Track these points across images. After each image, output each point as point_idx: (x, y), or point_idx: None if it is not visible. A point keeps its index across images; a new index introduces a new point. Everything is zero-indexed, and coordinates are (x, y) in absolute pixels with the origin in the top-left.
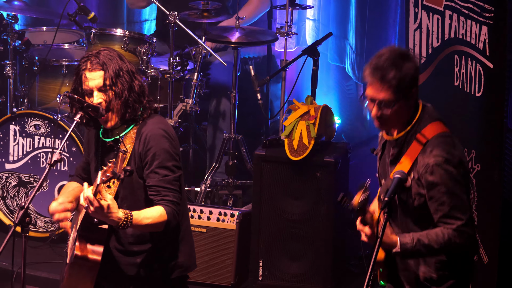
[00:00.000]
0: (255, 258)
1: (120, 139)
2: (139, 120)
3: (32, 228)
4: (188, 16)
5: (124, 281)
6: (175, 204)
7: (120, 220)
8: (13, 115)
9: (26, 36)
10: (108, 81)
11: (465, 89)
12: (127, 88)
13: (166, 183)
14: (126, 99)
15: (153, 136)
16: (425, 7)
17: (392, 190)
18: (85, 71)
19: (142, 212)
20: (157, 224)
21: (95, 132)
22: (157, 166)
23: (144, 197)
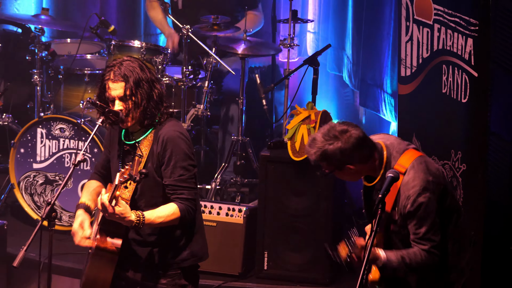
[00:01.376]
0: (260, 249)
1: (136, 145)
2: (157, 125)
3: (57, 222)
4: (199, 29)
5: (140, 269)
6: (189, 200)
7: (132, 222)
8: (40, 119)
9: (52, 47)
10: (129, 91)
11: (452, 96)
12: (145, 98)
13: (182, 181)
14: (144, 108)
15: (170, 138)
16: (416, 21)
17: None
18: (109, 81)
19: (154, 212)
20: (170, 221)
21: (118, 133)
22: (174, 166)
23: (162, 193)
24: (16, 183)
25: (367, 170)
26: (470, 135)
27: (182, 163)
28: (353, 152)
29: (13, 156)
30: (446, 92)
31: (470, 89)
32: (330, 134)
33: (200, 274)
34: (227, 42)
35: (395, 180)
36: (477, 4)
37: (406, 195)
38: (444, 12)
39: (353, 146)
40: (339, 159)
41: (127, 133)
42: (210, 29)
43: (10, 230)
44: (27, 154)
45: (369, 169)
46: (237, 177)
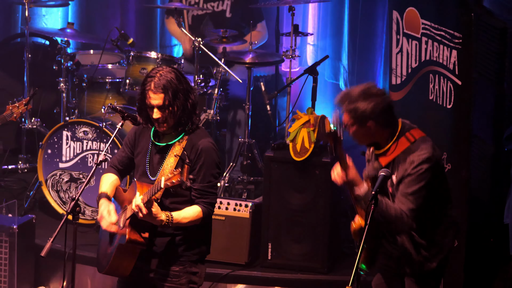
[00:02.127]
0: (265, 241)
1: (185, 153)
2: (189, 130)
3: (81, 216)
4: (210, 41)
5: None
6: (212, 205)
7: (162, 222)
8: (65, 123)
9: (77, 58)
10: (167, 102)
11: (438, 102)
12: (181, 109)
13: (209, 187)
14: (179, 116)
15: (205, 148)
16: (405, 34)
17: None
18: (149, 91)
19: (181, 212)
20: (194, 221)
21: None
22: (205, 173)
23: (187, 195)
24: (43, 180)
25: (380, 135)
26: (454, 137)
27: (212, 170)
28: (381, 113)
29: (41, 156)
30: (432, 99)
31: (454, 96)
32: (367, 92)
33: (209, 263)
34: (235, 53)
35: (387, 178)
36: (460, 19)
37: (410, 160)
38: (431, 27)
39: (384, 108)
40: (367, 115)
41: (157, 134)
42: (219, 42)
43: (38, 223)
44: (53, 154)
45: (383, 135)
46: (243, 176)
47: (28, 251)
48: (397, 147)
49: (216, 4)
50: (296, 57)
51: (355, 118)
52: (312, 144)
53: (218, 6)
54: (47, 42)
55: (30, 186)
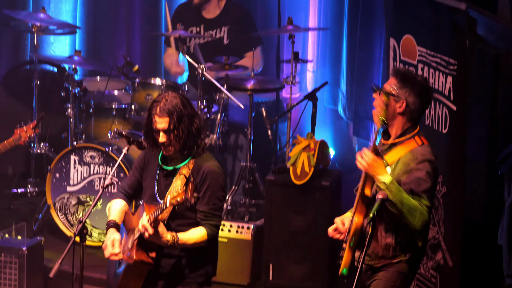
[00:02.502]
0: (266, 262)
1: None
2: (195, 154)
3: (88, 238)
4: (213, 68)
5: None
6: (217, 227)
7: (168, 242)
8: (73, 148)
9: (84, 84)
10: (172, 126)
11: (434, 127)
12: (186, 132)
13: (214, 210)
14: (184, 140)
15: (211, 171)
16: (402, 61)
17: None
18: (155, 115)
19: (186, 234)
20: (198, 243)
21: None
22: (209, 196)
23: (193, 217)
24: (52, 204)
25: (398, 123)
26: (449, 161)
27: (217, 193)
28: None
29: (49, 180)
30: (429, 124)
31: (449, 121)
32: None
33: (213, 284)
34: (237, 79)
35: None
36: (455, 47)
37: (414, 157)
38: (427, 53)
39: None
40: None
41: (165, 158)
42: (221, 68)
43: (47, 245)
44: (61, 178)
45: (400, 125)
46: (245, 199)
47: (37, 272)
48: (406, 146)
49: (214, 31)
50: (296, 84)
51: (398, 88)
52: (312, 168)
53: (216, 34)
54: (55, 69)
55: (39, 209)
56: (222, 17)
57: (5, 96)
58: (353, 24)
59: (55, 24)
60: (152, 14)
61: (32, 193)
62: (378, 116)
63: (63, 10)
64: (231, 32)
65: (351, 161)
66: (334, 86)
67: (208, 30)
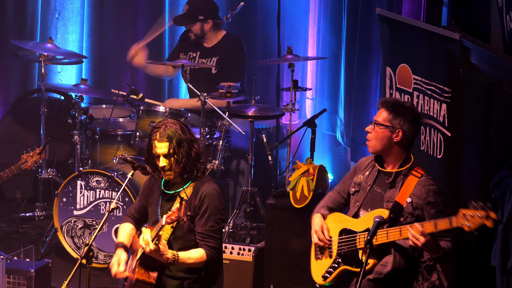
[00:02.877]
0: (267, 283)
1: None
2: (195, 179)
3: (94, 261)
4: (215, 96)
5: None
6: (215, 249)
7: (168, 260)
8: (79, 173)
9: (90, 112)
10: (172, 150)
11: (429, 152)
12: (185, 156)
13: (211, 232)
14: (184, 164)
15: (208, 194)
16: (398, 89)
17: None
18: (155, 140)
19: (187, 253)
20: (198, 263)
21: (159, 182)
22: (207, 218)
23: (194, 239)
24: (59, 227)
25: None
26: (444, 185)
27: (214, 216)
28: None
29: (56, 204)
30: (424, 149)
31: (444, 146)
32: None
33: None
34: (238, 107)
35: (381, 224)
36: (449, 75)
37: (426, 189)
38: (422, 82)
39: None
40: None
41: (167, 183)
42: (224, 96)
43: (54, 267)
44: (68, 202)
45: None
46: (247, 222)
47: None
48: (409, 184)
49: (206, 60)
50: (296, 111)
51: (392, 118)
52: (311, 192)
53: (207, 62)
54: (62, 97)
55: (46, 232)
56: (216, 47)
57: (14, 123)
58: (350, 53)
59: (62, 54)
60: (156, 43)
61: (39, 217)
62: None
63: (70, 40)
64: (219, 63)
65: None
66: (333, 113)
67: (202, 58)
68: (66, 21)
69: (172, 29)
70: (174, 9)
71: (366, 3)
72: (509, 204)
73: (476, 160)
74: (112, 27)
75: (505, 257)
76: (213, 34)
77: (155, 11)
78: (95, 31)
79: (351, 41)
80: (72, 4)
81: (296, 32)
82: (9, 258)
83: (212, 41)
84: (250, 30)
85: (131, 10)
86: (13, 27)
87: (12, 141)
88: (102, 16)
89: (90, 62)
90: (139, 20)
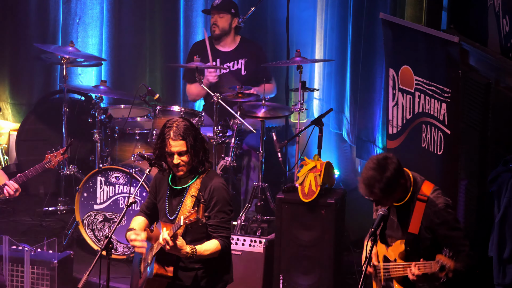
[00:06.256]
0: (277, 273)
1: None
2: (201, 174)
3: (114, 252)
4: (227, 96)
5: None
6: (227, 238)
7: (187, 254)
8: (99, 170)
9: (109, 111)
10: (189, 146)
11: (430, 149)
12: (202, 150)
13: (223, 223)
14: (198, 159)
15: (217, 188)
16: (401, 89)
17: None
18: (169, 139)
19: (203, 246)
20: (214, 254)
21: (167, 179)
22: (218, 211)
23: (204, 231)
24: (80, 221)
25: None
26: (444, 180)
27: (224, 207)
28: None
29: (78, 199)
30: (425, 146)
31: (444, 143)
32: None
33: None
34: (250, 107)
35: (385, 217)
36: (449, 76)
37: (433, 211)
38: (423, 82)
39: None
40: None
41: (174, 179)
42: (235, 97)
43: (76, 259)
44: (89, 197)
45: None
46: (258, 215)
47: (66, 283)
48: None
49: (232, 63)
50: (304, 110)
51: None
52: (318, 187)
53: (234, 66)
54: (82, 98)
55: (68, 225)
56: (238, 51)
57: (37, 122)
58: (356, 56)
59: (83, 56)
60: (172, 47)
61: (62, 211)
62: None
63: (90, 44)
64: (248, 64)
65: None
66: (339, 112)
67: (225, 63)
68: (86, 25)
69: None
70: (189, 14)
71: (371, 8)
72: (505, 198)
73: (474, 156)
74: (130, 31)
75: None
76: (231, 37)
77: (170, 15)
78: (113, 35)
79: (356, 44)
80: (92, 10)
81: (304, 36)
82: (33, 250)
83: (230, 45)
84: (261, 34)
85: (147, 15)
86: (36, 32)
87: (35, 139)
88: (120, 21)
89: (109, 65)
90: (155, 24)
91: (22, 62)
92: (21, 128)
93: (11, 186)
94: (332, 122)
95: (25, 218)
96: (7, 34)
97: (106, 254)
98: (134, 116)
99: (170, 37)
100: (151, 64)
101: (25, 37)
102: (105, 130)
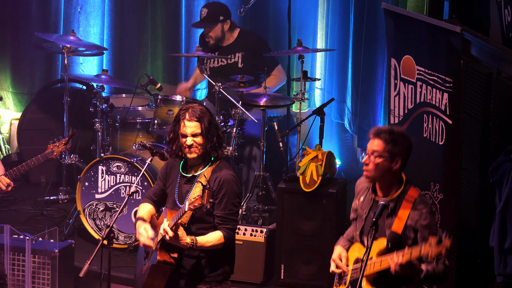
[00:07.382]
0: (278, 262)
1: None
2: (213, 163)
3: (115, 241)
4: (229, 86)
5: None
6: (233, 230)
7: (188, 245)
8: (101, 159)
9: (111, 101)
10: (203, 127)
11: (432, 139)
12: (216, 135)
13: (230, 215)
14: (212, 144)
15: (227, 180)
16: (402, 79)
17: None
18: (184, 119)
19: (205, 237)
20: (216, 246)
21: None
22: (226, 202)
23: (211, 221)
24: (81, 210)
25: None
26: (446, 170)
27: (233, 200)
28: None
29: (79, 188)
30: (426, 136)
31: (446, 133)
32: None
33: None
34: (251, 96)
35: (386, 207)
36: (451, 66)
37: (420, 213)
38: (425, 72)
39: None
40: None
41: (185, 166)
42: (237, 86)
43: (77, 248)
44: (90, 186)
45: (394, 178)
46: (259, 205)
47: (68, 272)
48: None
49: (229, 57)
50: (306, 100)
51: (390, 148)
52: (319, 177)
53: (231, 59)
54: (84, 87)
55: (70, 214)
56: (236, 44)
57: (39, 111)
58: (357, 45)
59: (84, 46)
60: (173, 37)
61: (63, 200)
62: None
63: (91, 33)
64: (245, 57)
65: (356, 171)
66: (340, 102)
67: (223, 56)
68: (87, 15)
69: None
70: (191, 3)
71: None
72: (506, 187)
73: (476, 146)
74: (132, 20)
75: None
76: (229, 34)
77: (172, 4)
78: (115, 24)
79: (358, 34)
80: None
81: (305, 26)
82: (35, 239)
83: (229, 40)
84: (262, 24)
85: (149, 4)
86: (37, 21)
87: (37, 129)
88: (122, 10)
89: (111, 54)
90: (157, 13)
91: (24, 51)
92: (22, 117)
93: (3, 181)
94: (333, 112)
95: (26, 207)
96: (8, 23)
97: (107, 243)
98: (136, 106)
99: (172, 26)
100: (152, 54)
101: (27, 26)
102: (106, 120)
